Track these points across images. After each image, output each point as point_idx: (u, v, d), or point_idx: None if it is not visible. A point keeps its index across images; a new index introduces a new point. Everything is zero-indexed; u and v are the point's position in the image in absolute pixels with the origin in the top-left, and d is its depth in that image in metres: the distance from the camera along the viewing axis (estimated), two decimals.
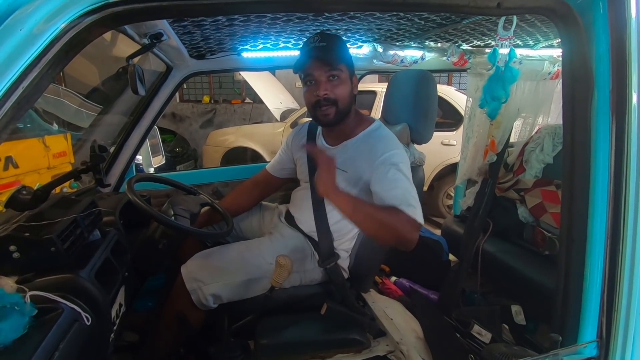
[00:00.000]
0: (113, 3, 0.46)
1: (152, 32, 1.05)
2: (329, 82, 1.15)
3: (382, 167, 1.13)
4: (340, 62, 1.16)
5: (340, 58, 1.16)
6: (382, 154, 1.14)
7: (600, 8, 0.59)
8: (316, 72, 1.15)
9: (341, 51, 1.18)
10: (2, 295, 0.64)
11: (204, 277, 1.15)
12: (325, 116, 1.18)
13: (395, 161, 1.13)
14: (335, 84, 1.16)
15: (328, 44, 1.14)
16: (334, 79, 1.15)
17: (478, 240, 1.82)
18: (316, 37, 1.15)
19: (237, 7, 0.55)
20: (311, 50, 1.14)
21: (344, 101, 1.18)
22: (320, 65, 1.14)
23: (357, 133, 1.25)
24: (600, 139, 0.62)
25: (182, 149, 5.45)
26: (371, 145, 1.19)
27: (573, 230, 0.65)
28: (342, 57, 1.17)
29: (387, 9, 0.99)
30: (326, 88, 1.15)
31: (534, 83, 1.86)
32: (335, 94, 1.16)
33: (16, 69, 0.43)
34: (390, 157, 1.14)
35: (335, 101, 1.16)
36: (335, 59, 1.14)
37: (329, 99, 1.16)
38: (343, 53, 1.18)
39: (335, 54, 1.14)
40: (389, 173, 1.11)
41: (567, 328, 0.65)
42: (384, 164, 1.13)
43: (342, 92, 1.16)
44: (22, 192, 0.93)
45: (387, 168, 1.12)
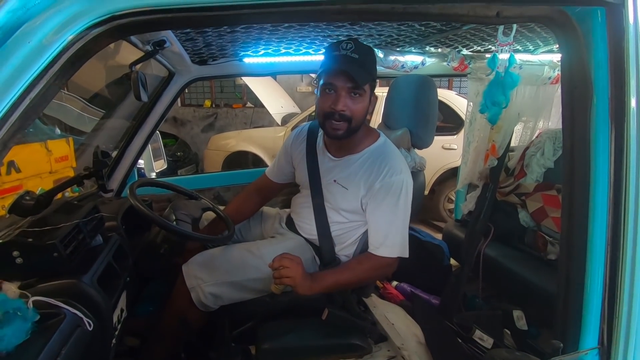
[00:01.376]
0: (119, 16, 0.47)
1: (155, 39, 1.07)
2: (349, 98, 1.08)
3: (379, 196, 1.14)
4: (369, 81, 1.10)
5: (370, 77, 1.09)
6: (382, 178, 1.14)
7: (598, 16, 0.60)
8: (339, 83, 1.07)
9: (371, 69, 1.12)
10: (5, 301, 0.64)
11: (204, 275, 1.15)
12: (335, 130, 1.12)
13: (392, 191, 1.13)
14: (356, 101, 1.09)
15: (360, 57, 1.05)
16: (356, 95, 1.08)
17: (479, 245, 1.82)
18: (349, 45, 1.06)
19: (241, 19, 0.56)
20: (341, 59, 1.06)
21: (359, 119, 1.12)
22: (347, 79, 1.06)
23: (361, 149, 1.21)
24: (599, 145, 0.63)
25: (183, 153, 5.46)
26: (374, 165, 1.17)
27: (573, 236, 0.66)
28: (370, 76, 1.10)
29: (388, 19, 1.00)
30: (345, 104, 1.08)
31: (534, 88, 1.87)
32: (352, 111, 1.09)
33: (25, 80, 0.44)
34: (389, 185, 1.13)
35: (350, 119, 1.10)
36: (364, 78, 1.07)
37: (344, 115, 1.09)
38: (372, 71, 1.12)
39: (365, 72, 1.07)
40: (382, 204, 1.14)
41: (568, 335, 0.65)
42: (381, 191, 1.14)
43: (359, 110, 1.10)
44: (26, 197, 0.93)
45: (382, 198, 1.14)
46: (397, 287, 1.85)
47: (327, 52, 1.12)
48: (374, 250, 1.16)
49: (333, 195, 1.23)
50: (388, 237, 1.14)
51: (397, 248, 1.15)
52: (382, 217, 1.14)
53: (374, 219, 1.16)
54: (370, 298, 1.53)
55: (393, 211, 1.13)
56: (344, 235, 1.26)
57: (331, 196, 1.24)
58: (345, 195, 1.20)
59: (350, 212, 1.22)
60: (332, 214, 1.24)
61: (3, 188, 2.15)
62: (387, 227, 1.14)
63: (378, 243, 1.15)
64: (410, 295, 1.80)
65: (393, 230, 1.14)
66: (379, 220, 1.15)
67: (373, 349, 1.24)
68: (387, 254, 1.14)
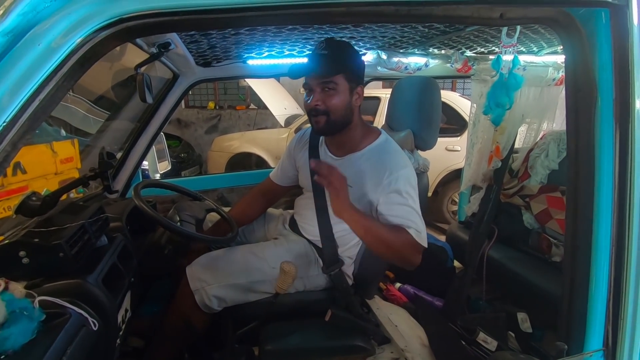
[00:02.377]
0: (127, 18, 0.48)
1: (160, 41, 1.08)
2: (322, 92, 1.11)
3: (388, 191, 1.12)
4: (338, 73, 1.10)
5: (339, 68, 1.11)
6: (389, 175, 1.13)
7: (602, 18, 0.60)
8: (311, 81, 1.12)
9: (343, 61, 1.12)
10: (12, 300, 0.65)
11: (208, 277, 1.16)
12: (316, 124, 1.16)
13: (401, 185, 1.11)
14: (329, 95, 1.11)
15: (330, 52, 1.10)
16: (328, 90, 1.11)
17: (483, 247, 1.81)
18: (321, 44, 1.11)
19: (246, 21, 0.56)
20: (311, 58, 1.12)
21: (338, 112, 1.13)
22: (315, 74, 1.11)
23: (363, 146, 1.22)
24: (604, 147, 0.62)
25: (187, 154, 5.49)
26: (378, 162, 1.17)
27: (578, 238, 0.65)
28: (342, 68, 1.11)
29: (392, 21, 1.00)
30: (318, 98, 1.12)
31: (538, 89, 1.86)
32: (327, 104, 1.11)
33: (35, 82, 0.45)
34: (397, 179, 1.12)
35: (327, 112, 1.12)
36: (332, 69, 1.10)
37: (319, 110, 1.12)
38: (345, 63, 1.13)
39: (334, 64, 1.10)
40: (395, 198, 1.12)
41: (572, 336, 0.65)
42: (390, 187, 1.12)
43: (335, 103, 1.12)
44: (32, 198, 0.94)
45: (393, 192, 1.12)
46: (401, 289, 1.85)
47: None
48: (408, 229, 1.09)
49: None
50: (420, 223, 1.10)
51: (424, 235, 1.11)
52: (403, 208, 1.11)
53: (395, 211, 1.11)
54: (373, 300, 1.52)
55: (410, 202, 1.11)
56: (347, 236, 1.26)
57: None
58: (351, 193, 1.19)
59: None
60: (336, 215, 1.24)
61: (9, 189, 2.18)
62: (412, 215, 1.10)
63: (410, 224, 1.09)
64: (413, 297, 1.80)
65: (417, 218, 1.11)
66: (401, 211, 1.11)
67: (376, 351, 1.24)
68: (416, 237, 1.08)
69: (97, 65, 0.56)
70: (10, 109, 0.44)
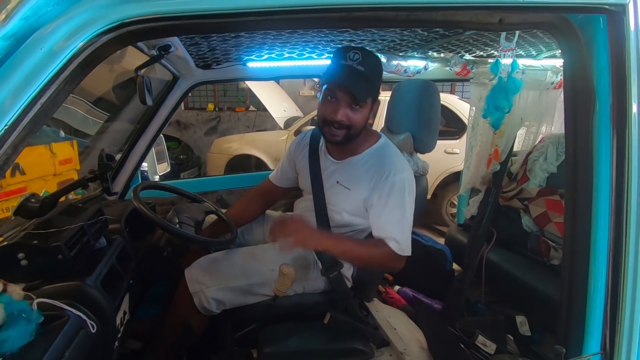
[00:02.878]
0: (128, 23, 0.48)
1: (160, 44, 1.08)
2: (349, 108, 1.09)
3: (383, 194, 1.14)
4: (370, 97, 1.10)
5: (374, 93, 1.11)
6: (386, 178, 1.14)
7: (600, 23, 0.60)
8: (341, 95, 1.08)
9: (376, 82, 1.11)
10: (10, 302, 0.65)
11: (207, 280, 1.16)
12: (333, 136, 1.14)
13: (396, 190, 1.13)
14: (356, 112, 1.10)
15: (366, 70, 1.05)
16: (356, 107, 1.09)
17: (482, 250, 1.81)
18: (356, 55, 1.05)
19: (247, 25, 0.57)
20: (346, 70, 1.05)
21: (357, 127, 1.13)
22: (348, 92, 1.07)
23: (363, 149, 1.22)
24: (602, 150, 0.63)
25: (186, 156, 5.49)
26: (376, 165, 1.17)
27: (576, 241, 0.66)
28: (374, 90, 1.11)
29: (392, 26, 1.00)
30: (345, 114, 1.09)
31: (537, 92, 1.87)
32: (351, 120, 1.10)
33: (36, 86, 0.45)
34: (392, 183, 1.13)
35: (350, 127, 1.11)
36: (367, 93, 1.08)
37: (342, 124, 1.10)
38: (376, 84, 1.12)
39: (370, 88, 1.09)
40: (388, 203, 1.14)
41: (571, 340, 0.65)
42: (384, 191, 1.14)
43: (359, 120, 1.11)
44: (31, 200, 0.94)
45: (387, 196, 1.14)
46: (400, 291, 1.84)
47: (334, 57, 1.11)
48: (387, 241, 1.13)
49: (336, 197, 1.24)
50: (401, 233, 1.13)
51: (406, 246, 1.14)
52: (391, 214, 1.13)
53: (381, 218, 1.15)
54: (372, 302, 1.52)
55: (400, 209, 1.14)
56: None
57: (334, 198, 1.24)
58: (348, 196, 1.20)
59: (353, 215, 1.22)
60: (335, 217, 1.25)
61: (8, 190, 2.17)
62: (397, 224, 1.13)
63: (390, 236, 1.13)
64: (412, 299, 1.80)
65: (403, 228, 1.14)
66: (387, 219, 1.14)
67: (375, 354, 1.24)
68: (396, 249, 1.13)
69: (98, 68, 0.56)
70: (12, 112, 0.45)
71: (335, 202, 1.24)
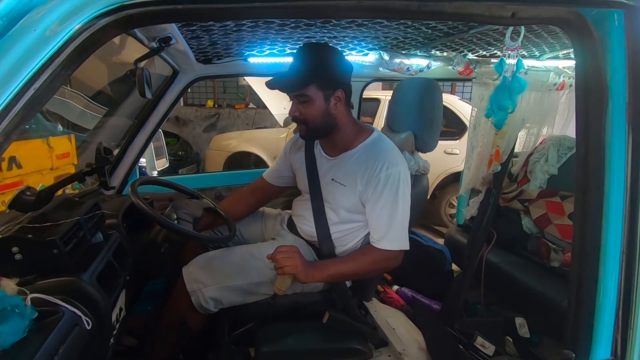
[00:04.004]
0: (128, 5, 0.46)
1: (161, 35, 1.06)
2: (298, 103, 1.14)
3: (377, 189, 1.14)
4: (308, 85, 1.11)
5: (308, 80, 1.10)
6: (378, 172, 1.13)
7: (615, 20, 0.59)
8: (286, 92, 1.15)
9: (313, 70, 1.11)
10: (3, 297, 0.63)
11: (205, 279, 1.14)
12: (300, 131, 1.20)
13: (389, 185, 1.13)
14: (304, 106, 1.14)
15: (298, 63, 1.11)
16: (303, 103, 1.13)
17: (482, 251, 1.81)
18: (295, 53, 1.14)
19: (253, 12, 0.55)
20: (282, 71, 1.16)
21: (314, 121, 1.15)
22: (283, 88, 1.14)
23: (355, 144, 1.22)
24: (614, 150, 0.61)
25: (185, 152, 5.46)
26: (369, 159, 1.17)
27: (586, 244, 0.64)
28: (312, 78, 1.11)
29: (402, 17, 0.99)
30: (295, 109, 1.15)
31: (539, 94, 1.86)
32: (303, 115, 1.15)
33: (29, 70, 0.43)
34: (386, 177, 1.13)
35: (305, 121, 1.16)
36: (299, 83, 1.11)
37: (298, 119, 1.16)
38: (315, 72, 1.11)
39: (300, 77, 1.10)
40: (380, 198, 1.14)
41: (579, 344, 0.64)
42: (378, 184, 1.13)
43: (311, 113, 1.14)
44: (26, 193, 0.92)
45: (380, 191, 1.13)
46: (398, 291, 1.84)
47: None
48: (376, 243, 1.15)
49: (332, 194, 1.23)
50: (390, 230, 1.13)
51: (398, 241, 1.15)
52: (383, 210, 1.14)
53: (374, 212, 1.15)
54: (371, 302, 1.51)
55: (393, 203, 1.13)
56: (344, 237, 1.25)
57: (330, 196, 1.23)
58: (344, 192, 1.20)
59: (351, 211, 1.21)
60: (332, 215, 1.24)
61: (4, 184, 2.15)
62: (388, 220, 1.13)
63: (380, 236, 1.15)
64: (411, 300, 1.79)
65: (394, 223, 1.13)
66: (380, 213, 1.14)
67: (374, 354, 1.23)
68: (389, 247, 1.14)
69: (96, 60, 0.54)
70: (3, 97, 0.42)
71: (332, 200, 1.23)
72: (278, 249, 1.10)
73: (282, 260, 1.07)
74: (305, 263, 1.10)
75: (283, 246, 1.11)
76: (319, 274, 1.12)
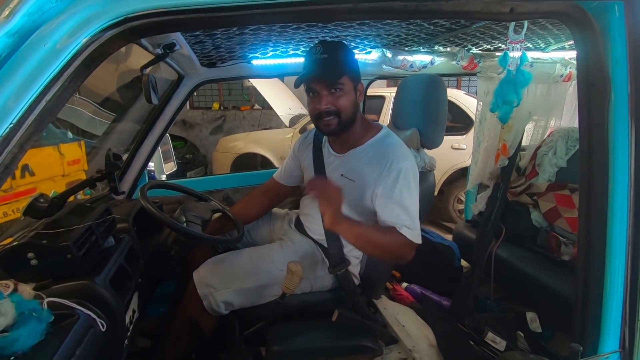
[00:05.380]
0: (132, 18, 0.47)
1: (165, 42, 1.07)
2: (330, 95, 1.13)
3: (388, 182, 1.13)
4: (343, 75, 1.13)
5: (343, 70, 1.13)
6: (389, 166, 1.14)
7: (615, 11, 0.58)
8: (317, 86, 1.13)
9: (344, 62, 1.14)
10: (21, 302, 0.65)
11: (216, 283, 1.16)
12: (327, 126, 1.17)
13: (400, 179, 1.12)
14: (338, 96, 1.13)
15: (330, 56, 1.11)
16: (336, 91, 1.13)
17: (491, 246, 1.79)
18: (318, 48, 1.12)
19: (252, 19, 0.56)
20: (313, 63, 1.13)
21: (347, 112, 1.15)
22: (322, 79, 1.12)
23: (364, 141, 1.23)
24: (618, 143, 0.61)
25: (192, 155, 5.51)
26: (379, 155, 1.17)
27: (592, 236, 0.64)
28: (345, 69, 1.13)
29: (400, 17, 0.99)
30: (328, 101, 1.13)
31: (545, 86, 1.84)
32: (337, 106, 1.14)
33: (40, 83, 0.45)
34: (397, 171, 1.13)
35: (338, 112, 1.14)
36: (337, 73, 1.12)
37: (330, 112, 1.14)
38: (346, 64, 1.14)
39: (337, 67, 1.12)
40: (394, 190, 1.13)
41: (587, 338, 0.63)
42: (388, 180, 1.13)
43: (344, 104, 1.14)
44: (40, 200, 0.95)
45: (392, 184, 1.13)
46: (407, 288, 1.83)
47: (304, 59, 1.19)
48: (399, 229, 1.11)
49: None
50: (409, 220, 1.11)
51: (417, 232, 1.12)
52: (400, 202, 1.12)
53: (388, 206, 1.13)
54: (380, 300, 1.52)
55: (408, 196, 1.13)
56: None
57: None
58: (353, 187, 1.20)
59: (359, 208, 1.21)
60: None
61: (18, 191, 2.20)
62: (406, 211, 1.12)
63: (401, 223, 1.11)
64: (420, 297, 1.79)
65: (413, 215, 1.13)
66: (394, 206, 1.12)
67: (384, 351, 1.23)
68: (408, 235, 1.10)
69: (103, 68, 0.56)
70: (17, 110, 0.44)
71: None
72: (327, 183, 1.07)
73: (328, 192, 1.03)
74: (339, 211, 1.05)
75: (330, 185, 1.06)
76: (344, 225, 1.06)
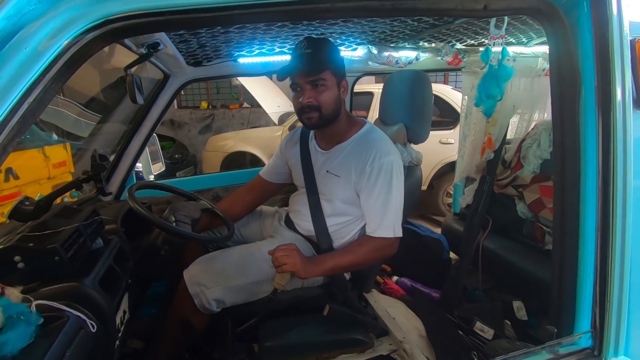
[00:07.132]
0: (113, 19, 0.48)
1: (149, 41, 1.07)
2: (313, 90, 1.16)
3: (371, 178, 1.17)
4: (325, 70, 1.15)
5: (325, 65, 1.15)
6: (371, 162, 1.17)
7: (584, 7, 0.60)
8: (300, 80, 1.16)
9: (327, 57, 1.16)
10: (8, 305, 0.65)
11: (206, 281, 1.16)
12: (308, 120, 1.19)
13: (382, 172, 1.16)
14: (320, 91, 1.16)
15: (314, 51, 1.13)
16: (318, 86, 1.15)
17: (478, 238, 1.83)
18: (303, 43, 1.15)
19: (232, 19, 0.57)
20: (296, 58, 1.15)
21: (328, 107, 1.18)
22: (304, 73, 1.14)
23: (349, 136, 1.26)
24: (588, 135, 0.63)
25: (181, 155, 5.46)
26: (361, 150, 1.20)
27: (565, 224, 0.67)
28: (328, 64, 1.15)
29: (377, 16, 1.01)
30: (310, 95, 1.16)
31: (528, 79, 1.87)
32: (318, 100, 1.16)
33: (22, 85, 0.45)
34: (379, 167, 1.16)
35: (319, 107, 1.17)
36: (319, 67, 1.14)
37: (312, 106, 1.16)
38: (329, 59, 1.17)
39: (319, 62, 1.14)
40: (375, 186, 1.17)
41: (562, 320, 0.66)
42: (372, 174, 1.17)
43: (326, 99, 1.17)
44: (25, 203, 0.94)
45: (374, 181, 1.17)
46: (398, 281, 1.86)
47: (291, 55, 1.21)
48: (372, 233, 1.18)
49: (327, 186, 1.26)
50: (384, 218, 1.16)
51: (393, 228, 1.17)
52: (377, 199, 1.17)
53: (369, 202, 1.18)
54: (371, 293, 1.54)
55: (387, 192, 1.16)
56: (341, 230, 1.27)
57: (325, 187, 1.26)
58: (338, 183, 1.23)
59: (345, 203, 1.24)
60: (328, 207, 1.26)
61: (2, 195, 2.16)
62: (382, 208, 1.17)
63: (376, 225, 1.18)
64: (410, 289, 1.81)
65: (389, 211, 1.17)
66: (374, 202, 1.17)
67: (375, 344, 1.25)
68: (384, 235, 1.17)
69: (87, 69, 0.56)
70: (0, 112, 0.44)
71: (327, 191, 1.26)
72: (278, 248, 1.12)
73: (281, 258, 1.09)
74: (304, 259, 1.12)
75: (282, 245, 1.14)
76: (318, 268, 1.15)
